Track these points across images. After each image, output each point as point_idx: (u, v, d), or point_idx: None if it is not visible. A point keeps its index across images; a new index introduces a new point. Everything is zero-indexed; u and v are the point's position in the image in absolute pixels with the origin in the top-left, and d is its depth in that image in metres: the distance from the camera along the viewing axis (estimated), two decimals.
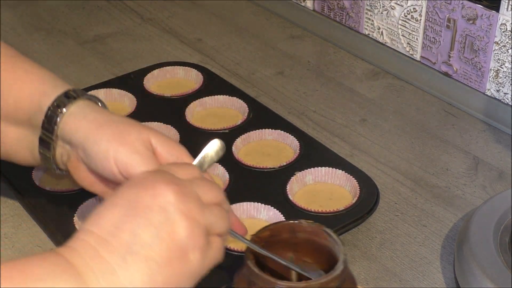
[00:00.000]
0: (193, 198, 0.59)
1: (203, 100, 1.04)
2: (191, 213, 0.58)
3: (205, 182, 0.63)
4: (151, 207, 0.57)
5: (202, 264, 0.59)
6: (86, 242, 0.56)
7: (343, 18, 1.21)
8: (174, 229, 0.57)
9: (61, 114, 0.71)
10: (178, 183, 0.59)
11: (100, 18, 1.32)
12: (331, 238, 0.66)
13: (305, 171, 0.89)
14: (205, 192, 0.61)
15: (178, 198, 0.57)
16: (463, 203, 0.89)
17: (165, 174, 0.60)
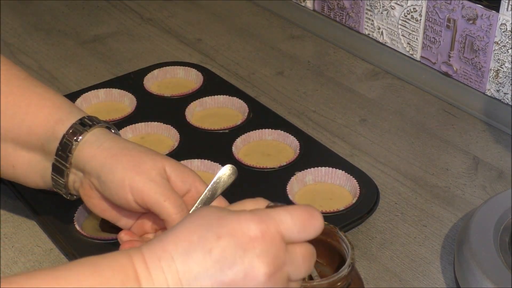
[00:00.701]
0: (281, 284, 0.55)
1: (203, 100, 1.04)
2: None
3: (303, 257, 0.57)
4: (237, 282, 0.53)
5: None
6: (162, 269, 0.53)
7: (343, 18, 1.21)
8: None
9: (77, 142, 0.71)
10: (276, 264, 0.54)
11: (100, 18, 1.32)
12: (342, 240, 0.66)
13: (305, 171, 0.89)
14: (297, 271, 0.56)
15: (268, 284, 0.54)
16: (463, 203, 0.89)
17: (273, 244, 0.54)
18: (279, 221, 0.55)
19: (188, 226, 0.55)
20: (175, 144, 0.95)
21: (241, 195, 0.86)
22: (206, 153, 0.93)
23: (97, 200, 0.73)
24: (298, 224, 0.56)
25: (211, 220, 0.55)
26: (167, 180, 0.70)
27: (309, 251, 0.57)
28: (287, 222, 0.55)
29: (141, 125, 0.98)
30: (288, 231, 0.55)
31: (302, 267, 0.56)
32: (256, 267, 0.53)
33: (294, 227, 0.55)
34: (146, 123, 0.98)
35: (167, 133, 0.98)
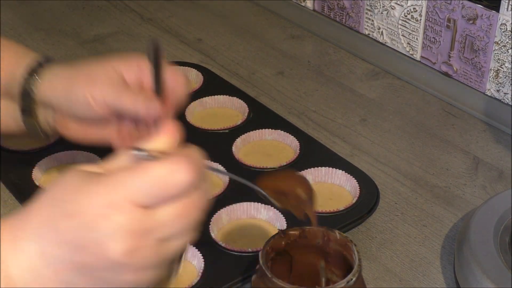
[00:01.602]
0: (149, 253, 0.50)
1: (203, 100, 1.04)
2: (143, 267, 0.50)
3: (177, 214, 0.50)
4: (94, 265, 0.49)
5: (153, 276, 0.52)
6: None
7: (343, 18, 1.21)
8: (120, 284, 0.50)
9: (36, 80, 0.75)
10: (134, 238, 0.49)
11: (100, 18, 1.32)
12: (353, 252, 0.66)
13: (305, 171, 0.89)
14: (171, 232, 0.51)
15: (130, 260, 0.49)
16: (463, 203, 0.89)
17: (123, 216, 0.49)
18: (132, 189, 0.49)
19: (41, 200, 0.51)
20: None
21: (241, 195, 0.86)
22: (206, 153, 0.93)
23: (74, 127, 0.76)
24: (156, 187, 0.49)
25: (63, 195, 0.50)
26: (120, 79, 0.73)
27: (186, 203, 0.50)
28: (141, 188, 0.49)
29: None
30: (143, 198, 0.49)
31: (176, 225, 0.50)
32: (109, 247, 0.48)
33: (151, 192, 0.49)
34: None
35: None
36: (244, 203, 0.84)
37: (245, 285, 0.76)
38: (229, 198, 0.86)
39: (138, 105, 0.70)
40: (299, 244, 0.69)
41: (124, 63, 0.74)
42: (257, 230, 0.83)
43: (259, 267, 0.65)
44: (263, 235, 0.80)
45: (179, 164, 0.51)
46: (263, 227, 0.83)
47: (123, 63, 0.74)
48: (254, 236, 0.82)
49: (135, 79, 0.74)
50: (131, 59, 0.75)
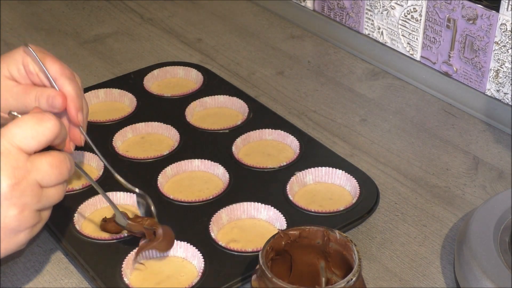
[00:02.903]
0: (30, 191, 0.61)
1: (203, 100, 1.04)
2: (24, 206, 0.61)
3: (49, 164, 0.63)
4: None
5: (30, 235, 0.63)
6: None
7: (343, 18, 1.21)
8: (5, 218, 0.60)
9: None
10: (18, 174, 0.60)
11: (100, 18, 1.32)
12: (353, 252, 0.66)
13: (305, 171, 0.89)
14: (46, 178, 0.62)
15: (13, 193, 0.60)
16: (463, 203, 0.89)
17: (10, 157, 0.60)
18: (11, 135, 0.60)
19: None
20: (175, 144, 0.95)
21: (241, 195, 0.86)
22: (206, 153, 0.93)
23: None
24: (29, 131, 0.61)
25: None
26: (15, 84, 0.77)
27: (57, 158, 0.63)
28: (18, 134, 0.61)
29: (141, 125, 0.98)
30: (23, 142, 0.61)
31: (51, 173, 0.62)
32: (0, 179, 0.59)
33: (27, 136, 0.61)
34: (146, 123, 0.98)
35: (167, 133, 0.98)
36: (244, 203, 0.84)
37: (245, 285, 0.76)
38: (229, 198, 0.86)
39: (42, 105, 0.75)
40: (299, 244, 0.69)
41: (12, 67, 0.77)
42: (257, 230, 0.83)
43: (259, 267, 0.65)
44: (263, 235, 0.80)
45: (44, 112, 0.63)
46: (263, 227, 0.83)
47: (11, 67, 0.77)
48: (254, 236, 0.82)
49: (25, 77, 0.78)
50: (15, 59, 0.77)
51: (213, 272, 0.76)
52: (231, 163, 0.91)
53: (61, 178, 0.64)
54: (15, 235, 0.62)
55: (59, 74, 0.77)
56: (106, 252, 0.79)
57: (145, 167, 0.91)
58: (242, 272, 0.76)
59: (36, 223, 0.63)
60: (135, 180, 0.83)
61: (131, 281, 0.75)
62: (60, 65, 0.77)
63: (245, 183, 0.89)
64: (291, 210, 0.84)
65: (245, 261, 0.77)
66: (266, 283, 0.64)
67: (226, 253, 0.79)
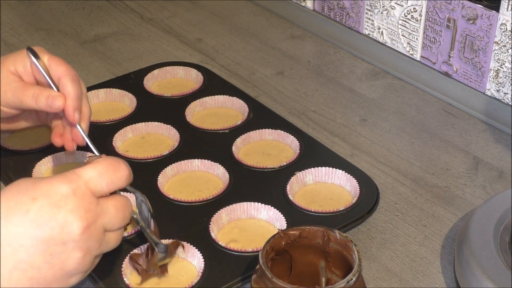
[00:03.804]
0: (96, 236, 0.62)
1: (203, 100, 1.04)
2: (88, 250, 0.61)
3: (115, 208, 0.64)
4: (54, 238, 0.59)
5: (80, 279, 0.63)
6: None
7: (343, 18, 1.21)
8: (67, 260, 0.60)
9: None
10: (89, 217, 0.61)
11: (100, 18, 1.32)
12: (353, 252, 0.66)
13: (305, 171, 0.89)
14: (112, 222, 0.64)
15: (83, 236, 0.60)
16: (463, 203, 0.89)
17: (84, 200, 0.61)
18: (88, 178, 0.62)
19: (5, 194, 0.60)
20: (175, 144, 0.95)
21: (241, 195, 0.86)
22: (206, 153, 0.93)
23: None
24: (105, 178, 0.63)
25: (26, 186, 0.60)
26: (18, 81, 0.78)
27: (121, 202, 0.64)
28: (94, 178, 0.62)
29: (141, 125, 0.98)
30: (97, 186, 0.62)
31: (116, 217, 0.64)
32: (70, 221, 0.59)
33: (102, 182, 0.63)
34: (146, 123, 0.99)
35: (167, 133, 0.98)
36: (244, 203, 0.84)
37: (245, 285, 0.76)
38: (229, 198, 0.86)
39: (41, 103, 0.77)
40: (299, 244, 0.69)
41: (18, 63, 0.78)
42: (257, 230, 0.83)
43: (259, 267, 0.65)
44: (263, 235, 0.80)
45: (118, 160, 0.65)
46: (263, 227, 0.83)
47: (18, 63, 0.78)
48: (254, 236, 0.82)
49: (30, 75, 0.79)
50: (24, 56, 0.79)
51: (213, 272, 0.76)
52: (231, 163, 0.91)
53: (124, 222, 0.65)
54: (69, 277, 0.61)
55: (63, 74, 0.77)
56: (106, 252, 0.79)
57: (145, 167, 0.91)
58: (242, 272, 0.76)
59: (90, 268, 0.63)
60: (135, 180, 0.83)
61: (131, 281, 0.75)
62: (66, 66, 0.78)
63: (245, 183, 0.89)
64: (291, 210, 0.84)
65: (245, 261, 0.78)
66: (266, 283, 0.64)
67: (226, 253, 0.79)
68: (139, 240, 0.80)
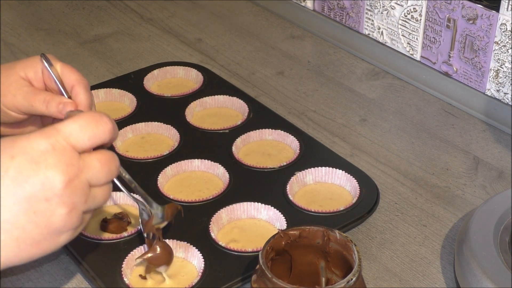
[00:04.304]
0: (81, 190, 0.60)
1: (203, 100, 1.04)
2: (73, 205, 0.60)
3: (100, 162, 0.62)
4: (36, 195, 0.58)
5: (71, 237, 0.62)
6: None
7: (343, 18, 1.21)
8: (52, 217, 0.59)
9: None
10: (71, 172, 0.59)
11: (100, 18, 1.32)
12: (353, 252, 0.66)
13: (305, 171, 0.89)
14: (96, 176, 0.62)
15: (66, 191, 0.59)
16: (463, 203, 0.89)
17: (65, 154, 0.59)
18: (68, 133, 0.60)
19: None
20: (175, 144, 0.95)
21: (241, 195, 0.86)
22: (206, 153, 0.93)
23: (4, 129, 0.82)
24: (87, 132, 0.61)
25: (4, 144, 0.59)
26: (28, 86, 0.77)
27: (106, 156, 0.62)
28: (75, 132, 0.60)
29: (141, 125, 0.98)
30: (78, 140, 0.60)
31: (101, 171, 0.62)
32: (51, 176, 0.58)
33: (83, 135, 0.61)
34: (146, 123, 0.99)
35: (167, 133, 0.98)
36: (244, 203, 0.84)
37: (245, 285, 0.76)
38: (229, 198, 0.86)
39: (51, 109, 0.75)
40: (299, 244, 0.69)
41: (29, 69, 0.78)
42: (257, 230, 0.83)
43: (259, 267, 0.65)
44: (263, 235, 0.80)
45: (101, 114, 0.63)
46: (263, 227, 0.83)
47: (28, 69, 0.78)
48: (254, 236, 0.82)
49: (40, 81, 0.78)
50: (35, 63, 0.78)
51: (213, 272, 0.76)
52: (231, 163, 0.91)
53: (110, 176, 0.63)
54: (57, 235, 0.60)
55: (76, 81, 0.77)
56: (106, 252, 0.79)
57: (145, 167, 0.91)
58: (242, 272, 0.76)
59: (79, 225, 0.62)
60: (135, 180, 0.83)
61: (131, 281, 0.75)
62: (79, 74, 0.78)
63: (245, 183, 0.89)
64: (291, 210, 0.84)
65: (245, 261, 0.78)
66: (266, 283, 0.64)
67: (226, 253, 0.79)
68: (139, 240, 0.80)
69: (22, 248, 0.58)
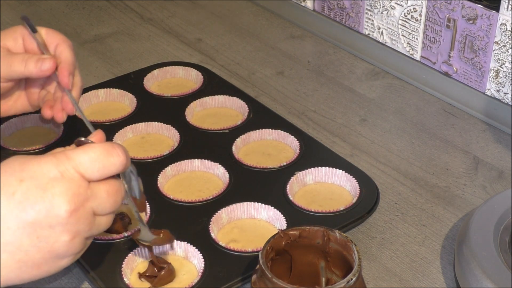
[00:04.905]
0: (85, 219, 0.60)
1: (203, 100, 1.04)
2: (77, 233, 0.60)
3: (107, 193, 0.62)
4: (41, 221, 0.58)
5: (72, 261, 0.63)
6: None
7: (343, 18, 1.21)
8: (55, 244, 0.59)
9: None
10: (77, 201, 0.59)
11: (100, 18, 1.32)
12: (353, 252, 0.66)
13: (305, 171, 0.89)
14: (102, 207, 0.62)
15: (70, 220, 0.59)
16: (463, 203, 0.89)
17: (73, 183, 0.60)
18: (78, 162, 0.60)
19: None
20: (175, 144, 0.95)
21: (241, 195, 0.86)
22: (206, 153, 0.93)
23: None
24: (97, 163, 0.61)
25: (14, 166, 0.60)
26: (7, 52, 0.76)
27: (113, 187, 0.62)
28: (85, 163, 0.60)
29: (141, 125, 0.98)
30: (87, 171, 0.60)
31: (107, 202, 0.62)
32: (57, 204, 0.58)
33: (93, 167, 0.61)
34: (146, 123, 0.99)
35: (167, 133, 0.98)
36: (244, 203, 0.84)
37: (245, 285, 0.76)
38: (229, 198, 0.86)
39: (30, 66, 0.75)
40: (299, 244, 0.69)
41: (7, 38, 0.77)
42: (257, 230, 0.83)
43: (259, 267, 0.65)
44: (263, 235, 0.80)
45: (114, 145, 0.62)
46: (263, 227, 0.83)
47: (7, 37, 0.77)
48: (254, 236, 0.82)
49: (21, 49, 0.77)
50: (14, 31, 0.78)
51: (213, 272, 0.76)
52: (231, 163, 0.91)
53: (116, 207, 0.63)
54: (59, 260, 0.61)
55: (60, 41, 0.77)
56: (106, 252, 0.79)
57: (145, 167, 0.91)
58: (242, 272, 0.76)
59: (81, 250, 0.62)
60: None
61: (131, 281, 0.75)
62: (62, 36, 0.78)
63: (245, 183, 0.89)
64: (291, 210, 0.84)
65: (245, 261, 0.78)
66: (266, 283, 0.64)
67: (226, 253, 0.79)
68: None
69: (23, 270, 0.59)
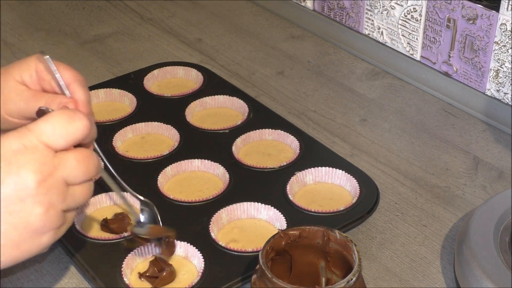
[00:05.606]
0: (56, 189, 0.59)
1: (203, 100, 1.04)
2: (50, 204, 0.59)
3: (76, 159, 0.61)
4: (10, 195, 0.57)
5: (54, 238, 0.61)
6: None
7: (343, 18, 1.21)
8: (29, 217, 0.58)
9: None
10: (44, 170, 0.58)
11: (100, 18, 1.32)
12: (353, 252, 0.66)
13: (305, 171, 0.89)
14: (73, 175, 0.60)
15: (39, 190, 0.58)
16: (463, 203, 0.89)
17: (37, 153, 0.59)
18: (40, 132, 0.59)
19: None
20: (175, 144, 0.95)
21: (241, 195, 0.86)
22: (206, 153, 0.93)
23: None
24: (60, 130, 0.59)
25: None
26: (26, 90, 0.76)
27: (83, 154, 0.61)
28: (47, 131, 0.59)
29: (141, 125, 0.98)
30: (51, 138, 0.59)
31: (78, 169, 0.60)
32: (23, 175, 0.57)
33: (56, 133, 0.59)
34: (146, 123, 0.99)
35: (167, 133, 0.98)
36: (244, 203, 0.84)
37: (245, 285, 0.76)
38: (229, 198, 0.86)
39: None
40: (299, 244, 0.69)
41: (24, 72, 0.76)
42: (257, 230, 0.83)
43: (259, 267, 0.65)
44: (263, 235, 0.80)
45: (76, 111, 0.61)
46: (263, 227, 0.83)
47: (24, 72, 0.76)
48: (254, 236, 0.82)
49: (36, 83, 0.77)
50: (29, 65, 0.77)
51: (213, 272, 0.76)
52: (231, 163, 0.91)
53: (88, 174, 0.61)
54: (38, 236, 0.59)
55: (72, 79, 0.77)
56: (106, 252, 0.79)
57: (145, 167, 0.91)
58: (242, 272, 0.76)
59: (61, 225, 0.61)
60: (135, 180, 0.83)
61: (131, 281, 0.75)
62: (73, 72, 0.77)
63: (245, 183, 0.89)
64: (291, 210, 0.84)
65: (245, 261, 0.78)
66: (266, 283, 0.64)
67: (226, 253, 0.79)
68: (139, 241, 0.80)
69: (4, 252, 0.58)
